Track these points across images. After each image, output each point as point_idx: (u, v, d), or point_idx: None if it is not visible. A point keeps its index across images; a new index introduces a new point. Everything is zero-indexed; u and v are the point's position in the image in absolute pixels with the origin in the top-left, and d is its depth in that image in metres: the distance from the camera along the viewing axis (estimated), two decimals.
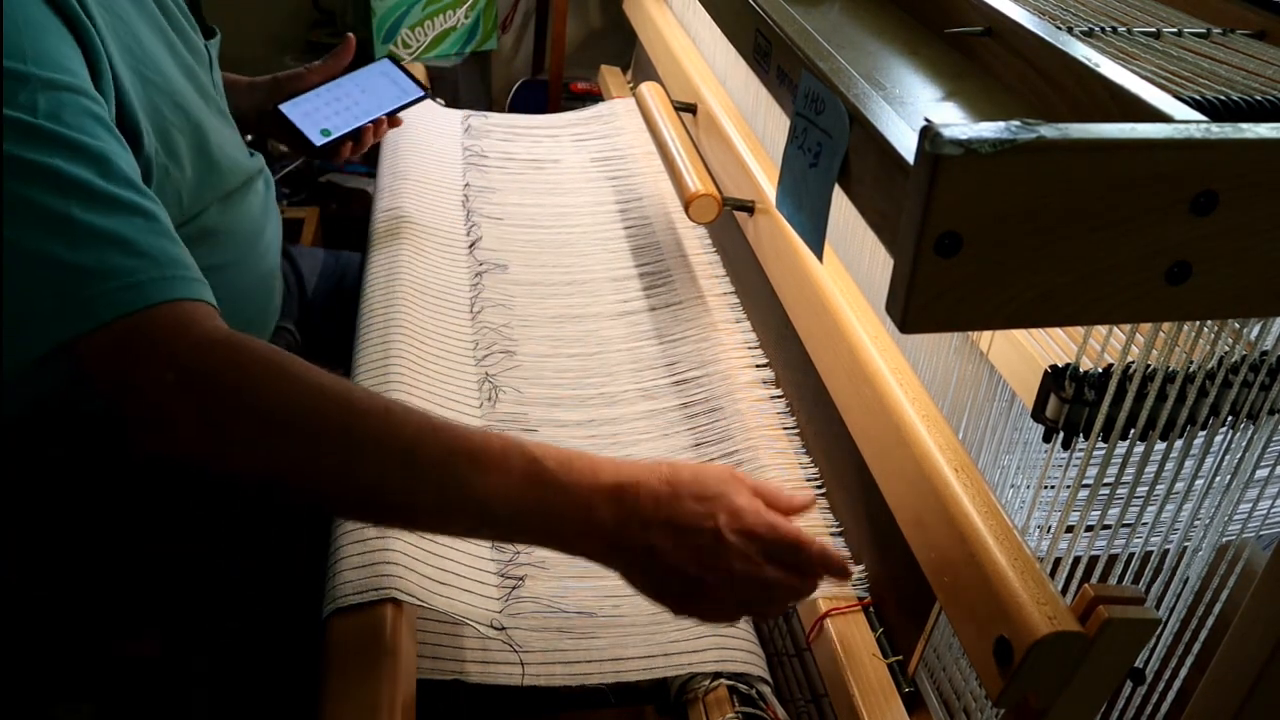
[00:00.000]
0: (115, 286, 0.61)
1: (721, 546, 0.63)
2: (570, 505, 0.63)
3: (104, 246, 0.61)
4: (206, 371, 0.62)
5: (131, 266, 0.62)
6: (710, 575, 0.63)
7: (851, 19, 0.76)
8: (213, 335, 0.63)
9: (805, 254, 0.86)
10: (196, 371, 0.61)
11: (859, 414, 0.75)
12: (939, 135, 0.38)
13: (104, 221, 0.62)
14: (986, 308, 0.42)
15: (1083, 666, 0.52)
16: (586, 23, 2.03)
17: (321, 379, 0.63)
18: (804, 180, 0.54)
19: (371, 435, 0.62)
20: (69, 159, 0.61)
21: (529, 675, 0.72)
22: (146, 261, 0.63)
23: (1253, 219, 0.42)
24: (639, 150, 1.33)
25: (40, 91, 0.61)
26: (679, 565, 0.63)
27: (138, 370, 0.61)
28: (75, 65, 0.65)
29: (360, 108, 1.13)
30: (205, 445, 0.61)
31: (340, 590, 0.69)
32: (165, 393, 0.61)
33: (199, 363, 0.62)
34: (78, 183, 0.61)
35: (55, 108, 0.62)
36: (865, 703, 0.69)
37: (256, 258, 0.92)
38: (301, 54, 1.83)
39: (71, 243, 0.60)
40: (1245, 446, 0.61)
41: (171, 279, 0.63)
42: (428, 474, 0.62)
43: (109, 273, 0.61)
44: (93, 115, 0.64)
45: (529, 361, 1.00)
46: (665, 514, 0.63)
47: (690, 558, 0.63)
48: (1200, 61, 0.60)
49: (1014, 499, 0.66)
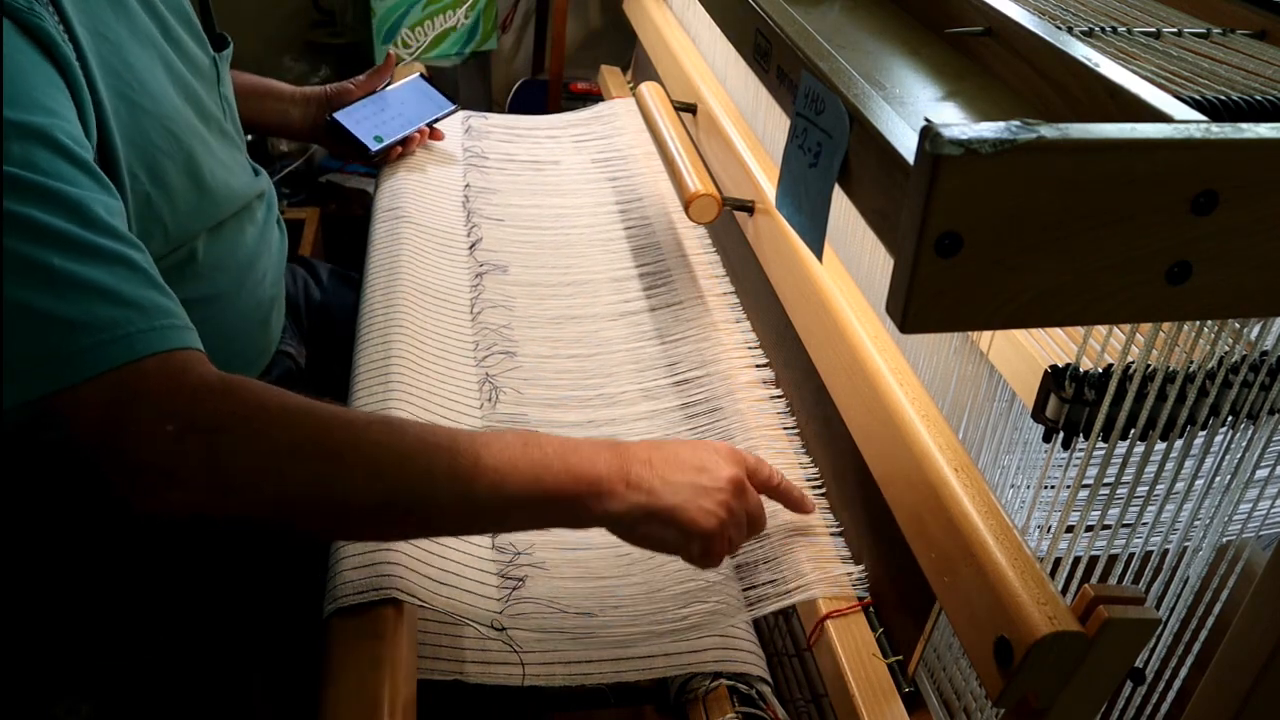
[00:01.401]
0: (104, 339, 0.59)
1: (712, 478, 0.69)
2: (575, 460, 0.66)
3: (88, 297, 0.59)
4: (207, 421, 0.61)
5: (119, 318, 0.60)
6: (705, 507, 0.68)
7: (851, 19, 0.76)
8: (207, 382, 0.62)
9: (805, 254, 0.86)
10: (196, 422, 0.60)
11: (859, 414, 0.75)
12: (939, 135, 0.38)
13: (87, 271, 0.60)
14: (986, 308, 0.42)
15: (1083, 666, 0.52)
16: (586, 23, 2.03)
17: (316, 406, 0.64)
18: (804, 180, 0.54)
19: (380, 443, 0.63)
20: (45, 208, 0.59)
21: (529, 675, 0.72)
22: (134, 312, 0.61)
23: (1253, 219, 0.42)
24: (639, 150, 1.33)
25: (14, 138, 0.59)
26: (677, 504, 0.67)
27: (130, 426, 0.60)
28: (52, 101, 0.63)
29: (404, 118, 1.28)
30: (212, 495, 0.61)
31: (340, 590, 0.69)
32: (164, 447, 0.59)
33: (197, 413, 0.61)
34: (56, 232, 0.59)
35: (28, 153, 0.59)
36: (865, 703, 0.69)
37: (250, 288, 0.91)
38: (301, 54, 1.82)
39: (54, 294, 0.58)
40: (1245, 446, 0.61)
41: (160, 329, 0.62)
42: (440, 464, 0.63)
43: (95, 325, 0.59)
44: (69, 157, 0.62)
45: (529, 362, 1.00)
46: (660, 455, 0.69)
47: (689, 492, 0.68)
48: (1200, 61, 0.60)
49: (1014, 499, 0.66)
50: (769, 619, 0.83)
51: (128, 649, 0.82)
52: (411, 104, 1.31)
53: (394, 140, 1.26)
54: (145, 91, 0.74)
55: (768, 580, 0.79)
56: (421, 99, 1.32)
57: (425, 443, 0.65)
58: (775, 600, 0.78)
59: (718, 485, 0.69)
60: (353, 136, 1.22)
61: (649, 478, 0.67)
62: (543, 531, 0.82)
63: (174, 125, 0.77)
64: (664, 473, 0.68)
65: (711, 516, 0.68)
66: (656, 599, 0.78)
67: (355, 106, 1.24)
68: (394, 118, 1.28)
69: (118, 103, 0.71)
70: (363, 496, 0.63)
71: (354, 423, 0.65)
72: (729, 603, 0.78)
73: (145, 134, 0.74)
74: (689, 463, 0.70)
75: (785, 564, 0.79)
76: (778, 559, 0.80)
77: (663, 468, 0.68)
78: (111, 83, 0.71)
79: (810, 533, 0.82)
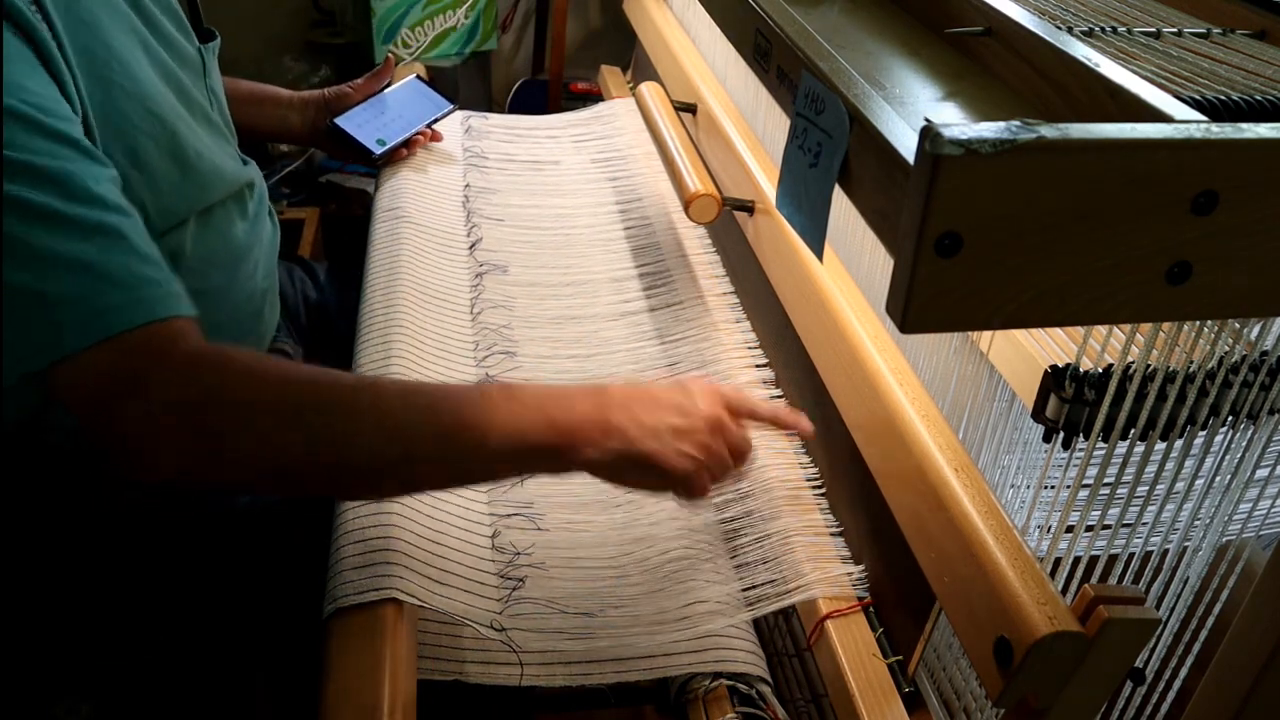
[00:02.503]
0: (82, 314, 0.60)
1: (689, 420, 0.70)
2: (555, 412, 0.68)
3: (65, 273, 0.60)
4: (194, 394, 0.62)
5: (95, 291, 0.60)
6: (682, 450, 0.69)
7: (851, 19, 0.76)
8: (193, 354, 0.63)
9: (805, 254, 0.86)
10: (184, 396, 0.61)
11: (859, 414, 0.75)
12: (939, 135, 0.38)
13: (64, 246, 0.60)
14: (986, 308, 0.42)
15: (1083, 666, 0.52)
16: (586, 23, 2.03)
17: (304, 372, 0.66)
18: (804, 180, 0.54)
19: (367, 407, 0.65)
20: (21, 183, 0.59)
21: (529, 675, 0.72)
22: (109, 285, 0.61)
23: (1253, 219, 0.42)
24: (639, 150, 1.33)
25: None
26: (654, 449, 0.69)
27: (118, 402, 0.60)
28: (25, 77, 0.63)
29: (404, 120, 1.28)
30: (201, 463, 0.62)
31: (340, 590, 0.69)
32: (152, 422, 0.60)
33: (184, 387, 0.61)
34: (35, 207, 0.60)
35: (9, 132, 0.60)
36: (865, 703, 0.69)
37: (242, 280, 0.90)
38: (301, 54, 1.82)
39: (32, 270, 0.59)
40: (1245, 446, 0.61)
41: (141, 300, 0.62)
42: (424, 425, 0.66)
43: (72, 300, 0.60)
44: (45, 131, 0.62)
45: (529, 362, 1.00)
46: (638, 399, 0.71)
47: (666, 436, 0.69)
48: (1200, 61, 0.60)
49: (1014, 499, 0.66)
50: (769, 619, 0.83)
51: (128, 649, 0.82)
52: (411, 105, 1.30)
53: (397, 143, 1.25)
54: (126, 73, 0.74)
55: (768, 580, 0.79)
56: (420, 100, 1.32)
57: (410, 405, 0.67)
58: (775, 600, 0.78)
59: (694, 427, 0.70)
60: (355, 141, 1.22)
61: (626, 423, 0.69)
62: (543, 531, 0.82)
63: (156, 106, 0.77)
64: (641, 417, 0.69)
65: (688, 459, 0.69)
66: (656, 599, 0.78)
67: (355, 111, 1.23)
68: (394, 120, 1.27)
69: (94, 84, 0.71)
70: (352, 459, 0.65)
71: (342, 387, 0.67)
72: (729, 603, 0.78)
73: (125, 115, 0.74)
74: (666, 404, 0.71)
75: (785, 564, 0.79)
76: (778, 559, 0.80)
77: (640, 411, 0.69)
78: (88, 64, 0.71)
79: (810, 533, 0.82)
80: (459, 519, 0.80)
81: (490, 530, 0.81)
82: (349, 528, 0.74)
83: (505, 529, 0.81)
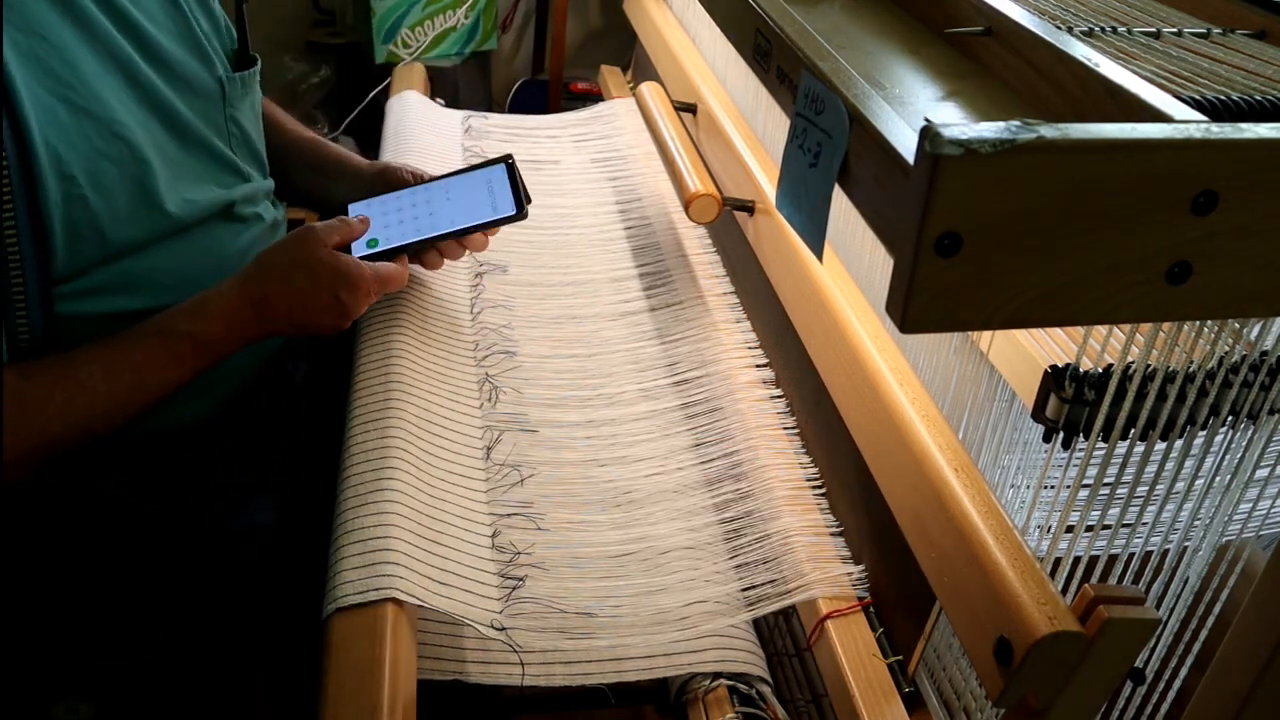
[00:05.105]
0: None
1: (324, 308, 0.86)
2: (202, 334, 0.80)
3: None
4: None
5: None
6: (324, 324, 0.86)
7: (851, 19, 0.76)
8: None
9: (805, 254, 0.86)
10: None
11: (859, 414, 0.75)
12: (939, 135, 0.38)
13: None
14: (986, 308, 0.42)
15: (1083, 666, 0.52)
16: (586, 23, 2.03)
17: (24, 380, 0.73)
18: (804, 180, 0.54)
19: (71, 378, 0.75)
20: None
21: (529, 675, 0.72)
22: None
23: (1253, 219, 0.42)
24: (639, 150, 1.33)
25: None
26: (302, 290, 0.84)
27: None
28: None
29: (429, 220, 0.95)
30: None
31: (340, 590, 0.69)
32: None
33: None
34: None
35: None
36: (865, 703, 0.69)
37: None
38: (301, 54, 1.82)
39: None
40: (1245, 446, 0.61)
41: None
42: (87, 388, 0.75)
43: None
44: None
45: (529, 362, 1.00)
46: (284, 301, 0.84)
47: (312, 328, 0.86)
48: (1200, 61, 0.60)
49: (1014, 499, 0.66)
50: (769, 619, 0.83)
51: (128, 649, 0.82)
52: (459, 201, 0.97)
53: (389, 249, 0.92)
54: (92, 96, 0.75)
55: (768, 580, 0.79)
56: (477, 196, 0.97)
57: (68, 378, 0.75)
58: (775, 600, 0.78)
59: (337, 309, 0.86)
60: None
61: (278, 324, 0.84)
62: (543, 531, 0.82)
63: (125, 131, 0.77)
64: (291, 317, 0.85)
65: (332, 328, 0.87)
66: (656, 599, 0.78)
67: (385, 197, 0.98)
68: (417, 218, 0.96)
69: (54, 103, 0.72)
70: (58, 432, 0.74)
71: (33, 384, 0.74)
72: (729, 603, 0.78)
73: (87, 138, 0.74)
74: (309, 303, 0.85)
75: (785, 564, 0.79)
76: (778, 559, 0.80)
77: (289, 312, 0.84)
78: (47, 82, 0.72)
79: (810, 533, 0.82)
80: (459, 519, 0.80)
81: (490, 530, 0.81)
82: (349, 528, 0.74)
83: (505, 528, 0.81)
